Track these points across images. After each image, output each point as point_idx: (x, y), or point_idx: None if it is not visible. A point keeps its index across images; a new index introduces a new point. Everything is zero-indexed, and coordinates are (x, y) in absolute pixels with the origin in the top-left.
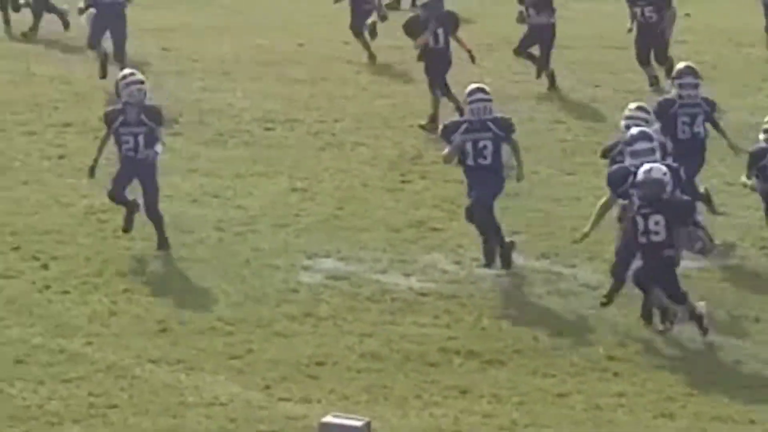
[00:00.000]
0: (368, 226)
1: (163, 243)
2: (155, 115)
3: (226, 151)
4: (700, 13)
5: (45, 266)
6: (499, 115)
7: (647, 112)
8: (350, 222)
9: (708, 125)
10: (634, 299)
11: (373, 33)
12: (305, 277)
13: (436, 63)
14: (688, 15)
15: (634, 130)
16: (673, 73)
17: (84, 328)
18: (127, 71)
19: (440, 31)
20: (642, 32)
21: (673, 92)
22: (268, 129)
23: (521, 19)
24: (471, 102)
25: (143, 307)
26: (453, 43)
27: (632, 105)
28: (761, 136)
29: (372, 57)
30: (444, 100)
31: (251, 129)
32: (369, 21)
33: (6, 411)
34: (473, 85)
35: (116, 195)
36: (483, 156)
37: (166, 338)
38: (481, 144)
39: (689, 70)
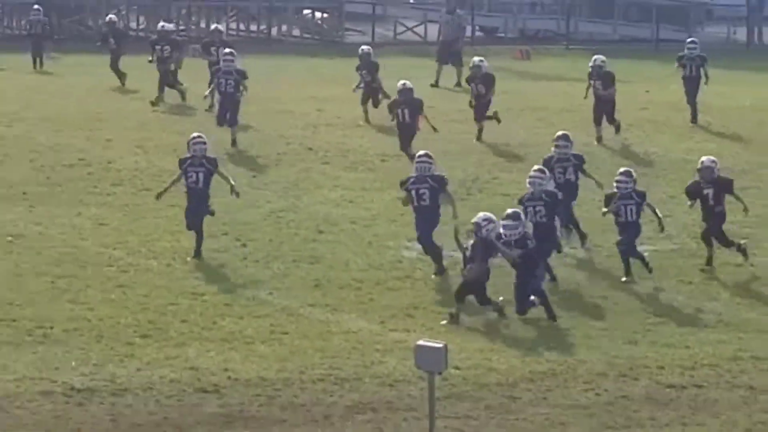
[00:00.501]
0: (445, 222)
1: (198, 252)
2: (213, 162)
3: (357, 173)
4: (657, 92)
5: (244, 245)
6: (436, 172)
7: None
8: None
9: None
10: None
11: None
12: (406, 253)
13: (405, 131)
14: (647, 92)
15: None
16: (554, 138)
17: (268, 283)
18: (195, 134)
19: (407, 111)
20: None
21: (552, 150)
22: (383, 160)
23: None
24: (417, 163)
25: (305, 271)
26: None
27: (535, 167)
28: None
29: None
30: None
31: (373, 160)
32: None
33: (219, 335)
34: (421, 152)
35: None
36: (423, 199)
37: (319, 291)
38: (421, 191)
39: (564, 136)
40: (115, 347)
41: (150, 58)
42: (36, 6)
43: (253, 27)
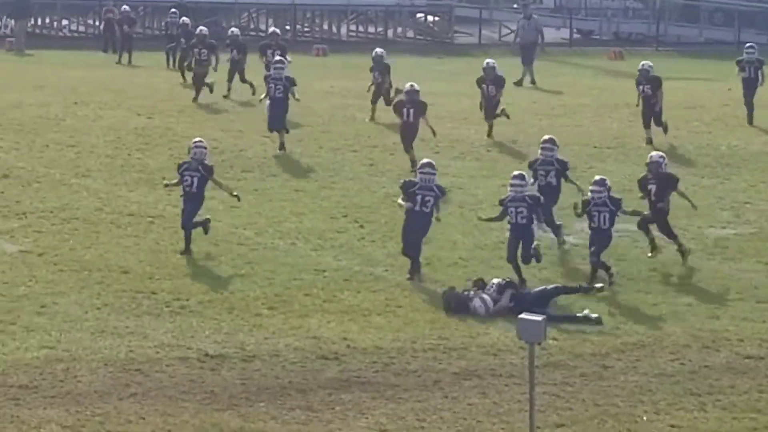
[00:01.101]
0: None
1: (187, 249)
2: (208, 169)
3: (465, 162)
4: (738, 90)
5: (361, 226)
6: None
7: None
8: None
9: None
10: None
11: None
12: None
13: (408, 132)
14: (729, 89)
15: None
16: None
17: (383, 261)
18: (197, 139)
19: (411, 111)
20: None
21: (539, 153)
22: (488, 151)
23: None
24: (421, 173)
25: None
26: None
27: (515, 172)
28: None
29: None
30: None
31: (479, 150)
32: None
33: (339, 308)
34: (425, 161)
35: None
36: (426, 206)
37: (429, 268)
38: (426, 198)
39: (551, 140)
40: (245, 318)
41: (186, 62)
42: (173, 9)
43: (371, 29)
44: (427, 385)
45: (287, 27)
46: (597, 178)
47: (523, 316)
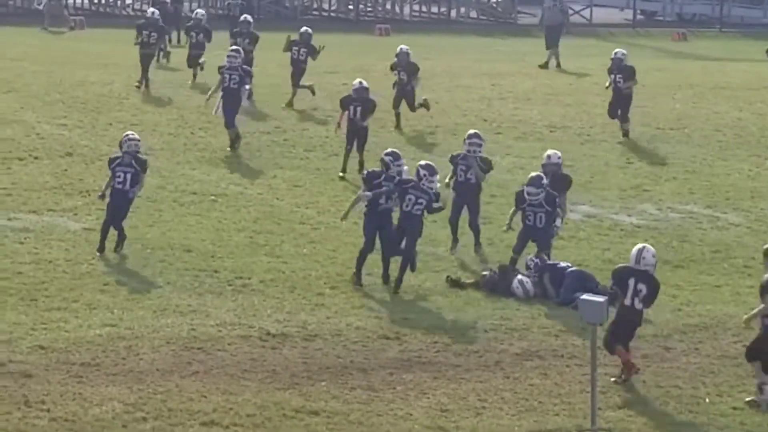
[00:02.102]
0: (607, 187)
1: (119, 245)
2: (142, 163)
3: (527, 143)
4: None
5: None
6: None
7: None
8: (596, 185)
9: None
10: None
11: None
12: (571, 215)
13: (354, 130)
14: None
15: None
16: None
17: (445, 242)
18: (129, 133)
19: (359, 109)
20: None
21: (464, 148)
22: (551, 131)
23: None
24: (398, 165)
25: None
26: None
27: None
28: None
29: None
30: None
31: (541, 131)
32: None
33: (401, 287)
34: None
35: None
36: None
37: (492, 248)
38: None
39: (476, 135)
40: (307, 297)
41: (135, 41)
42: None
43: (435, 9)
44: (489, 365)
45: (350, 6)
46: (533, 174)
47: (585, 297)
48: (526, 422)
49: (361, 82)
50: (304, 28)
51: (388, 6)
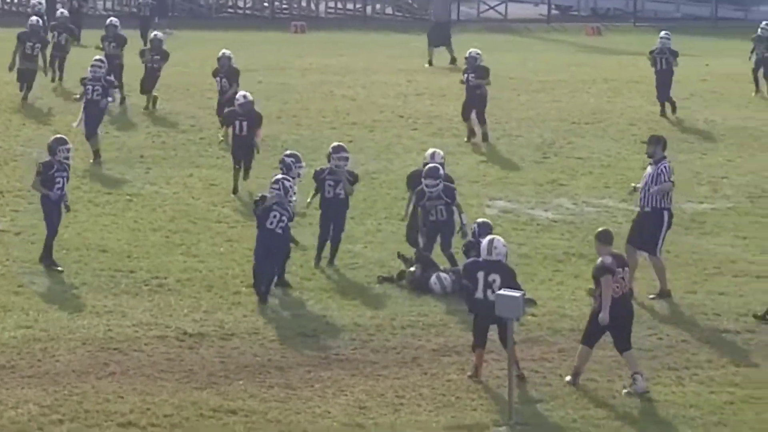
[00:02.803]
0: (523, 182)
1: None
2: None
3: (443, 139)
4: (716, 65)
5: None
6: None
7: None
8: (512, 180)
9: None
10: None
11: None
12: (488, 210)
13: (241, 145)
14: (707, 65)
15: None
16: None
17: (362, 238)
18: (59, 136)
19: (245, 123)
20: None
21: (331, 163)
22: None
23: None
24: (299, 167)
25: (396, 226)
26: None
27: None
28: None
29: None
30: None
31: (458, 126)
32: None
33: (318, 285)
34: (290, 151)
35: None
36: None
37: (408, 245)
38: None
39: (341, 147)
40: (224, 296)
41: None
42: None
43: (350, 6)
44: (406, 361)
45: (266, 4)
46: (431, 166)
47: (501, 292)
48: (444, 418)
49: (245, 96)
50: (153, 34)
51: (304, 3)
